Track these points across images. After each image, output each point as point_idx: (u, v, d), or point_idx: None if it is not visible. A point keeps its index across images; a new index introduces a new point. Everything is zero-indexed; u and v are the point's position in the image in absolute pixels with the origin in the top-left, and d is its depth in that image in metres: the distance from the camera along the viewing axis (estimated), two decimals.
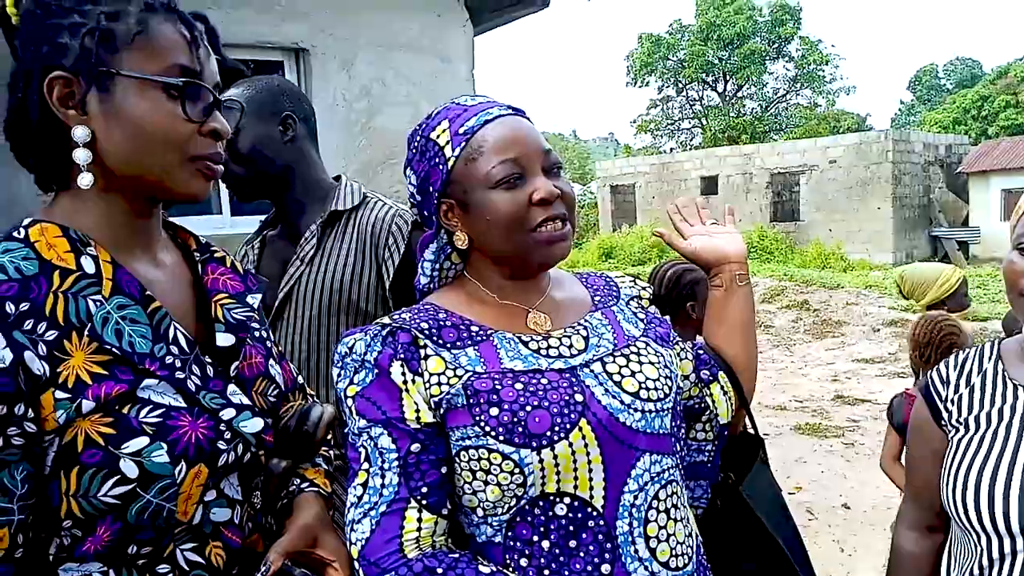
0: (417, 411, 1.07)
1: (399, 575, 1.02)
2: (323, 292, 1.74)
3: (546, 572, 1.06)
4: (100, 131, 0.95)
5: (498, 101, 1.19)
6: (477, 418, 1.05)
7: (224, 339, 1.06)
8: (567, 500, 1.06)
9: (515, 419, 1.04)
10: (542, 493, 1.06)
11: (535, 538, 1.06)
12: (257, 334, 1.15)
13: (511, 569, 1.06)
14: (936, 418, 1.35)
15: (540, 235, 1.11)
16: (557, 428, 1.05)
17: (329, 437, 1.75)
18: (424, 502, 1.05)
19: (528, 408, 1.05)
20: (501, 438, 1.04)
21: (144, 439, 0.90)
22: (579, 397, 1.08)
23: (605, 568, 1.06)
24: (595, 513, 1.07)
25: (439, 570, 1.02)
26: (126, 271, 0.98)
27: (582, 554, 1.06)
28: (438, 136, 1.16)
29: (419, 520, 1.05)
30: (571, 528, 1.06)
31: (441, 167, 1.15)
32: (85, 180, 0.94)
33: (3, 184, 3.41)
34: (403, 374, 1.08)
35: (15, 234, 0.93)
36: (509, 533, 1.07)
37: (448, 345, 1.11)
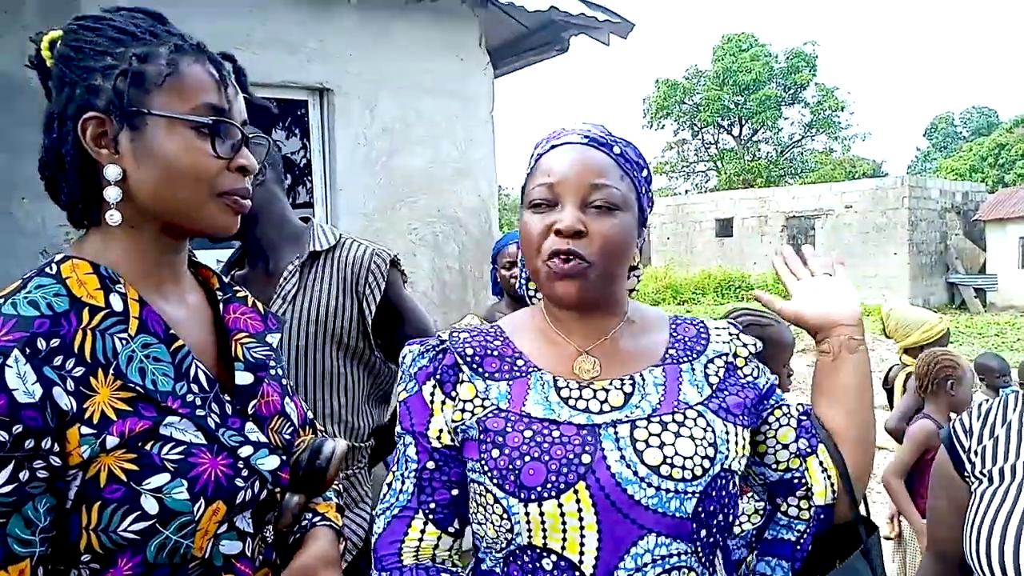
0: (440, 431, 1.11)
1: None
2: (307, 327, 1.81)
3: None
4: (131, 169, 0.97)
5: (597, 131, 1.16)
6: (482, 455, 1.06)
7: (243, 378, 1.07)
8: (553, 558, 1.02)
9: (511, 466, 1.03)
10: (529, 544, 1.03)
11: None
12: (274, 372, 1.16)
13: None
14: (959, 469, 1.34)
15: (547, 268, 1.09)
16: (549, 485, 1.01)
17: (341, 472, 1.79)
18: (431, 516, 1.11)
19: (527, 458, 1.03)
20: (495, 481, 1.04)
21: (165, 475, 0.91)
22: (586, 458, 1.02)
23: None
24: None
25: None
26: (152, 309, 0.99)
27: None
28: (533, 152, 1.19)
29: (422, 532, 1.11)
30: None
31: (523, 182, 1.19)
32: (114, 217, 0.97)
33: (34, 214, 3.47)
34: (432, 393, 1.13)
35: (48, 270, 0.95)
36: (505, 569, 1.06)
37: (485, 375, 1.13)
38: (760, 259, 22.51)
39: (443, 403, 1.12)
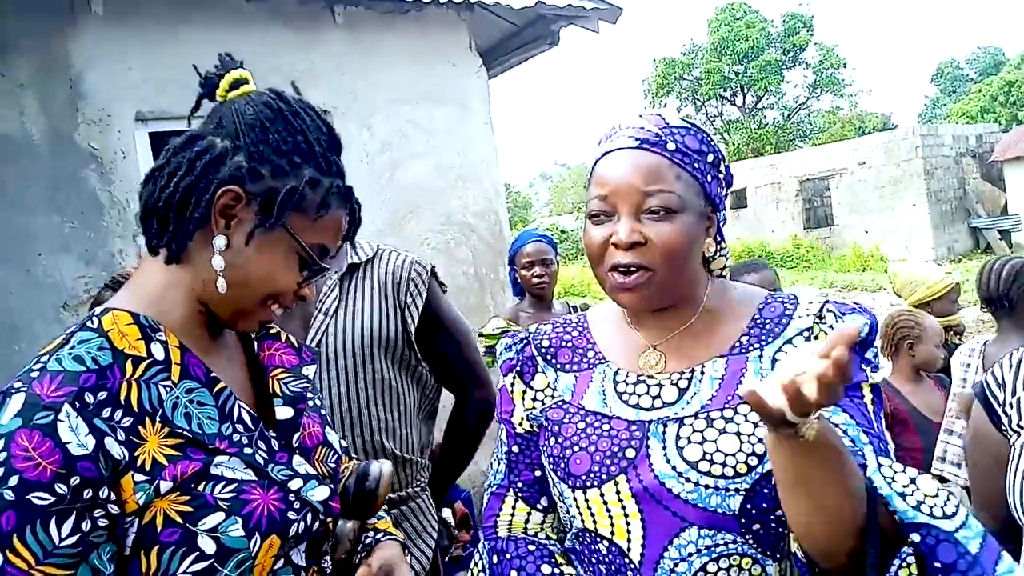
0: (521, 419, 1.22)
1: (486, 546, 1.21)
2: (354, 337, 1.78)
3: None
4: (233, 248, 1.01)
5: (648, 128, 1.12)
6: (545, 442, 1.16)
7: (284, 412, 1.10)
8: (605, 543, 1.08)
9: (562, 454, 1.11)
10: (584, 528, 1.10)
11: (593, 560, 1.10)
12: (311, 403, 1.19)
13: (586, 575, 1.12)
14: (995, 423, 1.32)
15: (612, 278, 1.10)
16: (592, 475, 1.07)
17: (394, 493, 1.78)
18: (520, 495, 1.22)
19: (576, 448, 1.10)
20: (551, 467, 1.14)
21: (220, 514, 0.93)
22: (631, 453, 1.06)
23: None
24: (632, 564, 1.05)
25: (508, 555, 1.17)
26: (193, 355, 1.02)
27: None
28: (597, 150, 1.18)
29: (513, 508, 1.22)
30: (612, 567, 1.07)
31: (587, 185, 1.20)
32: (222, 285, 1.01)
33: (52, 269, 3.51)
34: (513, 384, 1.25)
35: (89, 324, 0.98)
36: (577, 547, 1.14)
37: (557, 366, 1.22)
38: (777, 226, 22.30)
39: (523, 393, 1.23)
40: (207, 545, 0.91)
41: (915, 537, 0.91)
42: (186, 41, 3.78)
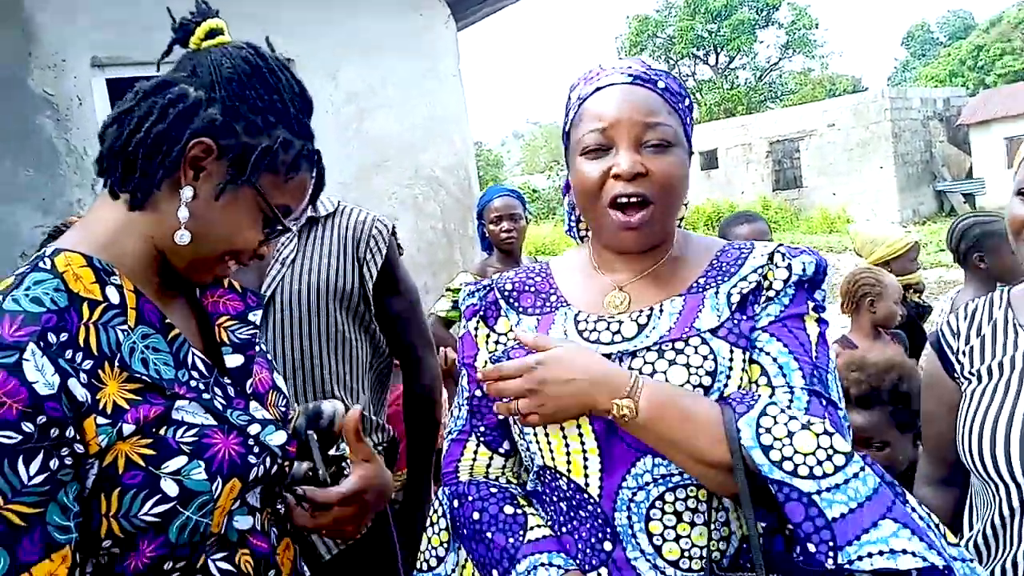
0: (485, 363, 1.21)
1: (446, 491, 1.22)
2: (309, 288, 1.79)
3: (564, 529, 1.12)
4: (199, 201, 1.00)
5: (636, 68, 1.14)
6: None
7: (234, 360, 1.10)
8: (564, 479, 1.11)
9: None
10: (545, 465, 1.13)
11: (554, 497, 1.13)
12: (259, 349, 1.18)
13: (547, 516, 1.15)
14: (949, 371, 1.34)
15: (613, 217, 1.10)
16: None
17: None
18: (482, 439, 1.23)
19: None
20: None
21: (183, 458, 0.94)
22: None
23: (607, 545, 1.07)
24: (591, 499, 1.08)
25: (470, 497, 1.18)
26: (148, 300, 1.01)
27: (588, 525, 1.09)
28: (572, 95, 1.19)
29: (475, 453, 1.23)
30: (573, 502, 1.10)
31: (566, 126, 1.20)
32: (183, 237, 1.00)
33: (6, 217, 3.42)
34: (477, 328, 1.25)
35: (41, 264, 0.95)
36: (539, 488, 1.17)
37: (520, 310, 1.22)
38: (747, 187, 22.44)
39: (487, 336, 1.23)
40: (170, 488, 0.92)
41: (773, 488, 0.95)
42: None
